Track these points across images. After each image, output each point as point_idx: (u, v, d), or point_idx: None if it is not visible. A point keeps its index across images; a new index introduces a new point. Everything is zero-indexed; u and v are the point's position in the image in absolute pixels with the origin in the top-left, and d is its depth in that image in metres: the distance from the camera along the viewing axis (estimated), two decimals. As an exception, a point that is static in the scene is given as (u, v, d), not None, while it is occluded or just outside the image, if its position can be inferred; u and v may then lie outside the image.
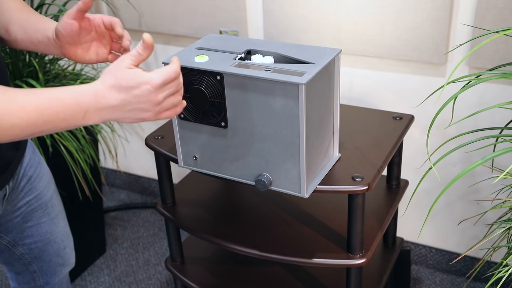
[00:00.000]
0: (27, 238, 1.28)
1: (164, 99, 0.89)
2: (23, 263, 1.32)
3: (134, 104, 0.87)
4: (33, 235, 1.28)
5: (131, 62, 0.87)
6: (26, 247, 1.29)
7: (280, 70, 1.09)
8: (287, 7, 1.76)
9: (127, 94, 0.86)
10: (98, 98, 0.85)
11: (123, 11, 2.09)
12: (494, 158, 1.02)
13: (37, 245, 1.30)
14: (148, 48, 0.89)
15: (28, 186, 1.21)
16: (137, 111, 0.88)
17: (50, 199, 1.29)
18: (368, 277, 1.49)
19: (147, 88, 0.86)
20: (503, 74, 1.14)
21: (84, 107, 0.85)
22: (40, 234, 1.29)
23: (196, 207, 1.51)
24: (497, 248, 1.29)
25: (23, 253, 1.30)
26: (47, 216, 1.29)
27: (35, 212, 1.26)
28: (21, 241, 1.28)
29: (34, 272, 1.35)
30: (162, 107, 0.89)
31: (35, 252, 1.31)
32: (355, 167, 1.23)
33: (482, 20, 1.52)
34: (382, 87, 1.77)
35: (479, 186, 1.76)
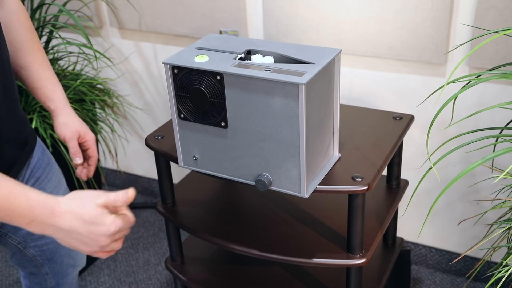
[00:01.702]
0: (38, 239, 1.27)
1: (107, 245, 0.91)
2: (35, 264, 1.32)
3: (82, 236, 0.89)
4: (44, 236, 1.27)
5: (103, 203, 0.90)
6: (38, 249, 1.29)
7: (280, 70, 1.09)
8: (287, 7, 1.76)
9: (82, 226, 0.88)
10: (52, 215, 0.87)
11: (123, 11, 2.09)
12: (494, 158, 1.02)
13: (48, 247, 1.30)
14: (126, 201, 0.93)
15: (35, 187, 1.21)
16: (80, 242, 0.90)
17: None
18: (368, 277, 1.49)
19: (102, 232, 0.89)
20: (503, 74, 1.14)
21: (33, 216, 0.86)
22: None
23: (196, 207, 1.51)
24: (497, 248, 1.29)
25: (34, 255, 1.30)
26: None
27: None
28: (32, 243, 1.27)
29: (46, 274, 1.35)
30: (102, 249, 0.92)
31: (46, 253, 1.31)
32: (355, 167, 1.23)
33: (482, 20, 1.52)
34: (382, 87, 1.77)
35: (479, 186, 1.76)
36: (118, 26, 2.14)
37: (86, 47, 1.83)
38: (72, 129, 1.25)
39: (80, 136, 1.26)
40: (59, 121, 1.25)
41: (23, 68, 1.20)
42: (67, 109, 1.26)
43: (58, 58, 1.96)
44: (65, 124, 1.25)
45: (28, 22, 1.20)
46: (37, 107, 1.78)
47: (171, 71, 1.17)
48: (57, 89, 1.24)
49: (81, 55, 1.99)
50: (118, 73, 2.26)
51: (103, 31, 2.21)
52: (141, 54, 2.18)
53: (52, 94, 1.23)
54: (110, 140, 2.15)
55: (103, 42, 2.24)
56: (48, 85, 1.23)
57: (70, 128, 1.25)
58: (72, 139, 1.25)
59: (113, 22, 2.14)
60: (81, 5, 2.09)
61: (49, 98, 1.23)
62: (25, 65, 1.20)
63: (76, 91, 1.87)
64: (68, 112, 1.26)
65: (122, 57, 2.23)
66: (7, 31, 1.16)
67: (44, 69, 1.22)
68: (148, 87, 2.24)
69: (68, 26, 1.81)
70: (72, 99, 1.85)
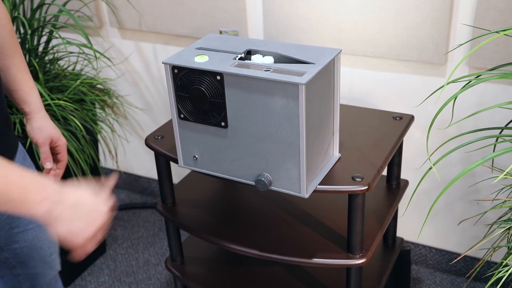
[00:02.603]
0: (13, 243, 1.26)
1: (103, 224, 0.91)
2: (6, 266, 1.30)
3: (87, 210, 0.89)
4: (19, 240, 1.26)
5: None
6: (12, 252, 1.27)
7: (280, 70, 1.09)
8: (287, 7, 1.76)
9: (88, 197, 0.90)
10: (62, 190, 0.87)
11: (123, 11, 2.09)
12: (494, 158, 1.02)
13: (22, 250, 1.28)
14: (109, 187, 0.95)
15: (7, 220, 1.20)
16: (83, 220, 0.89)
17: None
18: (368, 277, 1.49)
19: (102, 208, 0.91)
20: (503, 74, 1.14)
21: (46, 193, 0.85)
22: (26, 240, 1.27)
23: (196, 207, 1.51)
24: (497, 248, 1.29)
25: (7, 258, 1.28)
26: (34, 223, 1.26)
27: (21, 219, 1.23)
28: (7, 246, 1.26)
29: (19, 275, 1.33)
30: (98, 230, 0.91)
31: (20, 256, 1.29)
32: (355, 167, 1.23)
33: (482, 20, 1.52)
34: (382, 87, 1.77)
35: (479, 186, 1.76)
36: (118, 26, 2.14)
37: (86, 47, 1.83)
38: (45, 134, 1.26)
39: (53, 141, 1.27)
40: (33, 125, 1.26)
41: (1, 70, 1.20)
42: (41, 113, 1.27)
43: (58, 58, 1.96)
44: (39, 128, 1.26)
45: (9, 25, 1.20)
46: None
47: (171, 71, 1.17)
48: (34, 93, 1.25)
49: (81, 55, 1.99)
50: (118, 73, 2.26)
51: (103, 31, 2.21)
52: (141, 54, 2.18)
53: (28, 98, 1.24)
54: (110, 140, 2.15)
55: (103, 42, 2.24)
56: (24, 88, 1.23)
57: (44, 133, 1.26)
58: (44, 144, 1.26)
59: (113, 22, 2.14)
60: (81, 5, 2.09)
61: (25, 101, 1.24)
62: (4, 67, 1.20)
63: (76, 91, 1.87)
64: (42, 116, 1.27)
65: (122, 57, 2.23)
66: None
67: (22, 72, 1.23)
68: (148, 87, 2.24)
69: (68, 26, 1.81)
70: (72, 99, 1.85)
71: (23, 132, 1.75)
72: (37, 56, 1.86)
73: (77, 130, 1.83)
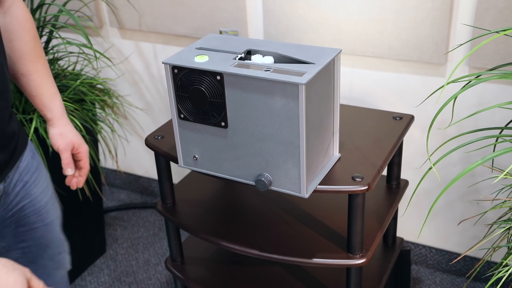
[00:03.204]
0: (21, 242, 1.26)
1: None
2: None
3: None
4: (26, 239, 1.26)
5: None
6: (20, 251, 1.28)
7: (280, 70, 1.09)
8: (287, 7, 1.76)
9: None
10: None
11: (123, 11, 2.09)
12: (494, 158, 1.02)
13: (30, 250, 1.28)
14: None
15: (23, 191, 1.21)
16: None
17: (46, 205, 1.27)
18: (368, 277, 1.49)
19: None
20: (503, 74, 1.14)
21: None
22: (34, 239, 1.27)
23: (196, 207, 1.51)
24: (497, 248, 1.29)
25: (17, 257, 1.28)
26: (41, 222, 1.27)
27: (29, 217, 1.24)
28: (15, 246, 1.26)
29: None
30: None
31: (29, 256, 1.29)
32: (355, 167, 1.23)
33: (482, 20, 1.52)
34: (382, 87, 1.77)
35: (479, 186, 1.76)
36: (118, 26, 2.14)
37: (86, 47, 1.83)
38: (67, 140, 1.26)
39: (74, 147, 1.27)
40: (54, 131, 1.26)
41: (24, 75, 1.20)
42: (63, 120, 1.27)
43: (58, 58, 1.96)
44: (60, 135, 1.26)
45: (34, 30, 1.21)
46: (37, 107, 1.78)
47: (171, 71, 1.17)
48: (56, 99, 1.25)
49: (81, 55, 1.99)
50: (118, 73, 2.26)
51: (103, 31, 2.21)
52: (141, 54, 2.18)
53: (50, 104, 1.24)
54: (110, 140, 2.15)
55: (103, 42, 2.24)
56: (47, 94, 1.23)
57: (65, 139, 1.26)
58: (66, 150, 1.26)
59: (113, 22, 2.14)
60: (81, 5, 2.09)
61: (47, 107, 1.24)
62: (26, 72, 1.20)
63: (76, 91, 1.87)
64: (65, 123, 1.27)
65: (122, 57, 2.23)
66: (11, 38, 1.17)
67: (44, 77, 1.23)
68: (148, 87, 2.24)
69: (68, 26, 1.81)
70: (72, 99, 1.85)
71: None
72: (37, 56, 1.86)
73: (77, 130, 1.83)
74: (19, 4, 1.18)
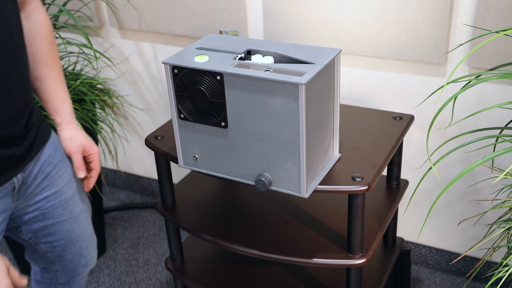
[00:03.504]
0: (49, 236, 1.31)
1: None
2: (46, 261, 1.36)
3: None
4: (55, 233, 1.31)
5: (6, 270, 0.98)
6: (49, 245, 1.32)
7: (280, 70, 1.09)
8: (287, 7, 1.76)
9: None
10: None
11: (123, 11, 2.09)
12: (494, 158, 1.02)
13: (59, 243, 1.33)
14: None
15: (45, 182, 1.25)
16: None
17: (72, 197, 1.32)
18: (368, 277, 1.49)
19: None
20: (503, 74, 1.14)
21: None
22: (62, 232, 1.32)
23: (196, 207, 1.51)
24: (497, 248, 1.29)
25: (45, 251, 1.33)
26: (69, 214, 1.32)
27: (55, 209, 1.28)
28: (43, 239, 1.31)
29: (58, 271, 1.39)
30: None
31: (57, 250, 1.34)
32: (355, 167, 1.23)
33: (482, 20, 1.52)
34: (382, 87, 1.77)
35: (479, 186, 1.76)
36: (118, 26, 2.14)
37: (86, 47, 1.83)
38: (77, 143, 1.29)
39: (85, 150, 1.31)
40: (64, 135, 1.29)
41: (38, 79, 1.24)
42: (73, 124, 1.30)
43: (58, 58, 1.95)
44: (71, 138, 1.29)
45: (51, 37, 1.24)
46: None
47: (171, 71, 1.17)
48: (66, 104, 1.29)
49: (81, 55, 1.99)
50: (118, 73, 2.26)
51: (103, 31, 2.21)
52: (141, 54, 2.18)
53: (61, 108, 1.27)
54: (110, 140, 2.15)
55: (103, 42, 2.24)
56: (58, 99, 1.27)
57: (75, 142, 1.29)
58: (76, 153, 1.29)
59: (113, 22, 2.14)
60: (81, 5, 2.10)
61: (57, 112, 1.27)
62: (41, 77, 1.24)
63: (76, 91, 1.87)
64: (74, 127, 1.30)
65: (122, 57, 2.23)
66: (30, 43, 1.20)
67: (58, 83, 1.26)
68: (148, 87, 2.24)
69: (68, 26, 1.81)
70: (72, 99, 1.85)
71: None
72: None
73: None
74: (41, 10, 1.22)
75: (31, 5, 1.21)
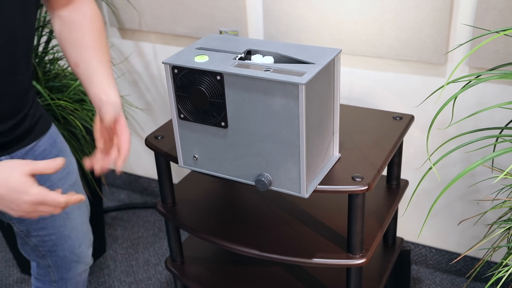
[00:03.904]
0: (40, 230, 1.30)
1: (32, 212, 0.97)
2: (37, 255, 1.35)
3: (8, 202, 0.95)
4: (47, 227, 1.30)
5: (30, 171, 0.96)
6: (40, 239, 1.31)
7: (280, 70, 1.09)
8: (287, 7, 1.76)
9: (7, 193, 0.94)
10: None
11: (123, 11, 2.09)
12: (494, 158, 1.02)
13: (50, 238, 1.32)
14: (55, 169, 0.98)
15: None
16: (7, 207, 0.96)
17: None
18: (368, 277, 1.49)
19: (25, 200, 0.95)
20: (503, 74, 1.14)
21: None
22: (54, 227, 1.31)
23: (196, 207, 1.51)
24: (497, 248, 1.29)
25: (36, 245, 1.32)
26: None
27: None
28: (35, 232, 1.30)
29: (49, 267, 1.38)
30: (28, 214, 0.98)
31: (48, 245, 1.33)
32: (355, 167, 1.23)
33: (482, 20, 1.52)
34: (382, 87, 1.77)
35: (479, 186, 1.76)
36: (118, 26, 2.14)
37: (86, 47, 1.82)
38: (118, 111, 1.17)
39: None
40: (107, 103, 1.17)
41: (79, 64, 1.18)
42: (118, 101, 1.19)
43: (58, 58, 1.96)
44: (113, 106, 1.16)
45: (100, 28, 1.21)
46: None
47: (171, 71, 1.17)
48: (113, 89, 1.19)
49: (81, 55, 1.98)
50: (118, 73, 2.26)
51: (103, 31, 2.21)
52: (141, 54, 2.18)
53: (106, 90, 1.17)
54: (110, 140, 2.15)
55: (103, 42, 2.24)
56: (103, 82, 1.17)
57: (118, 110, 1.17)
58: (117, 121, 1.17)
59: (113, 22, 2.14)
60: (81, 5, 2.09)
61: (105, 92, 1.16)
62: (84, 60, 1.18)
63: (76, 91, 1.87)
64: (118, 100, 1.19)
65: (122, 57, 2.23)
66: (74, 29, 1.19)
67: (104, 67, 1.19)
68: (148, 87, 2.24)
69: (68, 26, 1.81)
70: (72, 99, 1.85)
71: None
72: (37, 56, 1.86)
73: (77, 130, 1.83)
74: (91, 3, 1.22)
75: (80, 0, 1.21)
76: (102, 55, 1.20)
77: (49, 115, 1.78)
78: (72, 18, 1.20)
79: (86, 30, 1.20)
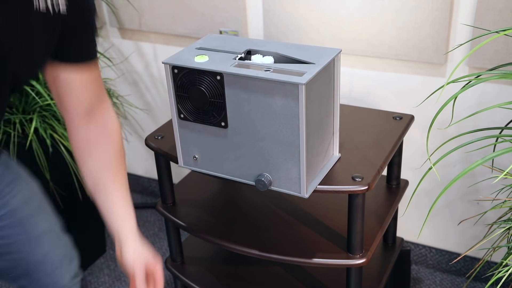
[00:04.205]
0: (9, 254, 1.22)
1: None
2: (8, 278, 1.27)
3: None
4: (15, 251, 1.22)
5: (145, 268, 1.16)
6: (12, 263, 1.23)
7: (280, 70, 1.09)
8: (287, 7, 1.76)
9: None
10: None
11: (123, 11, 2.09)
12: (494, 158, 1.02)
13: (23, 262, 1.24)
14: None
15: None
16: None
17: (30, 217, 1.22)
18: (368, 277, 1.49)
19: None
20: (503, 74, 1.14)
21: None
22: (23, 252, 1.23)
23: (196, 207, 1.51)
24: (497, 248, 1.29)
25: (7, 268, 1.25)
26: (26, 234, 1.22)
27: (12, 228, 1.19)
28: (4, 257, 1.22)
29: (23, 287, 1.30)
30: None
31: (22, 267, 1.25)
32: (355, 167, 1.23)
33: (482, 20, 1.52)
34: (382, 87, 1.77)
35: (479, 186, 1.76)
36: (118, 26, 2.14)
37: (86, 47, 1.82)
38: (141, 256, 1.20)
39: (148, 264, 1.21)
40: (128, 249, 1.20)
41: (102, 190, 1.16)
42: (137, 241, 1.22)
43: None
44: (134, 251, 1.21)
45: (120, 142, 1.14)
46: (37, 107, 1.78)
47: (171, 71, 1.17)
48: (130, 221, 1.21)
49: (81, 55, 1.98)
50: (118, 73, 2.26)
51: (103, 31, 2.21)
52: (141, 54, 2.18)
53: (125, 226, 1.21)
54: (110, 140, 2.15)
55: (103, 42, 2.24)
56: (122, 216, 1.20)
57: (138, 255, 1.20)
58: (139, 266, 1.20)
59: (113, 22, 2.14)
60: (81, 5, 2.09)
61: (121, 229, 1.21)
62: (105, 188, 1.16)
63: (76, 91, 1.87)
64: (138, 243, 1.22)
65: (122, 57, 2.23)
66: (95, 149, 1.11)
67: (122, 196, 1.19)
68: (148, 87, 2.24)
69: (68, 26, 1.81)
70: (72, 99, 1.85)
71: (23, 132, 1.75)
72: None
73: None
74: (111, 113, 1.13)
75: (101, 109, 1.10)
76: (120, 182, 1.16)
77: (49, 115, 1.78)
78: (92, 135, 1.10)
79: (108, 151, 1.12)
